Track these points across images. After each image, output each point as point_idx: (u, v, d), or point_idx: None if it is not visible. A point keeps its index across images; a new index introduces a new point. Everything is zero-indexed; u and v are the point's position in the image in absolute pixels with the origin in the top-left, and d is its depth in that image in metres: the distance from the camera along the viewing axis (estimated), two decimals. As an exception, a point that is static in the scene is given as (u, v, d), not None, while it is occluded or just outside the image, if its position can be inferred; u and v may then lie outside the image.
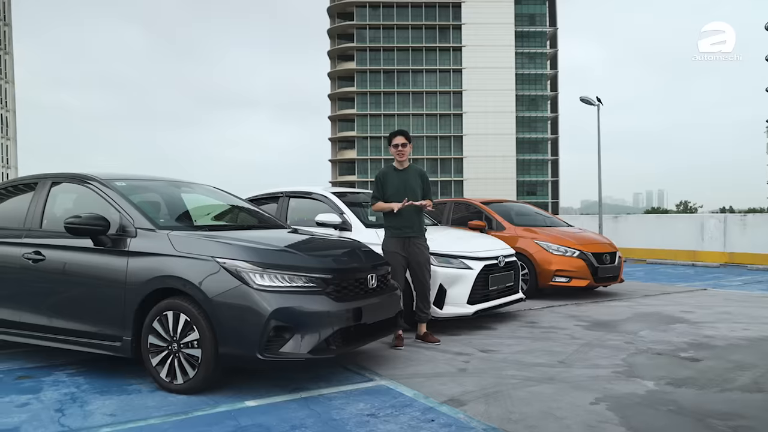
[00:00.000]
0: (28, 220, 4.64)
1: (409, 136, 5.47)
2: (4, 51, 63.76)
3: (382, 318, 4.20)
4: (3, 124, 62.74)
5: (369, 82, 76.83)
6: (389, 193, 5.26)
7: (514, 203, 9.84)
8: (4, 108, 63.24)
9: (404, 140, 5.32)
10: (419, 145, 76.28)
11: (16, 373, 4.34)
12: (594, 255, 7.86)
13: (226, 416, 3.32)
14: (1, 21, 63.28)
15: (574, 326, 5.92)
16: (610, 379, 4.02)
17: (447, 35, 76.20)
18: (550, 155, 79.04)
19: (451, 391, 3.77)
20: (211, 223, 4.84)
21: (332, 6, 78.96)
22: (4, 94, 63.10)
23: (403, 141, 5.32)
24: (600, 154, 17.50)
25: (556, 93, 79.28)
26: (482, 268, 5.80)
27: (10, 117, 65.00)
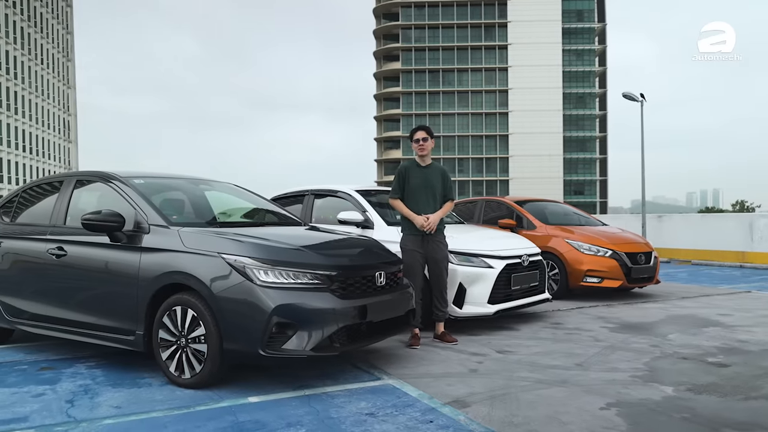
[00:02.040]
0: (53, 216, 4.80)
1: (431, 132, 5.40)
2: (67, 58, 66.59)
3: (391, 316, 4.14)
4: (65, 128, 65.54)
5: (414, 81, 76.70)
6: (410, 189, 5.20)
7: (549, 202, 9.61)
8: (66, 112, 66.05)
9: (425, 135, 5.26)
10: (464, 144, 75.66)
11: (40, 364, 4.48)
12: (627, 255, 7.59)
13: (226, 411, 3.33)
14: (64, 30, 66.10)
15: (600, 328, 5.72)
16: (626, 383, 3.86)
17: (493, 33, 75.30)
18: (598, 154, 77.07)
19: (457, 392, 3.69)
20: (224, 220, 4.87)
21: (378, 7, 79.21)
22: (66, 98, 65.91)
23: (424, 135, 5.26)
24: (643, 153, 16.91)
25: (605, 90, 77.26)
26: (504, 267, 5.67)
27: (71, 121, 67.87)
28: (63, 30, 65.69)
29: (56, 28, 63.31)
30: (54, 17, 62.64)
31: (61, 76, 64.52)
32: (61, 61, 64.37)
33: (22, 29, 53.72)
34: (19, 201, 5.36)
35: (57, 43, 63.19)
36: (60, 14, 64.92)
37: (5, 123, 50.18)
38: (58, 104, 62.96)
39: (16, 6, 52.74)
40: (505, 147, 74.88)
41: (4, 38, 50.07)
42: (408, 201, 5.20)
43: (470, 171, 75.68)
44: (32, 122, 55.62)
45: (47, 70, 59.80)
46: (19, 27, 53.27)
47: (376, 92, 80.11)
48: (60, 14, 64.92)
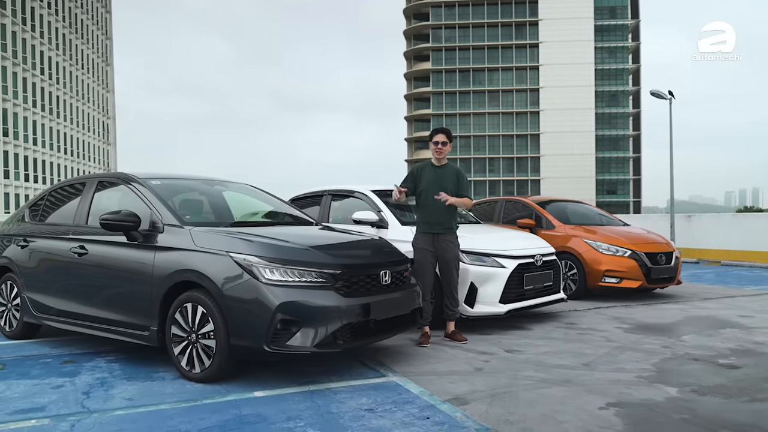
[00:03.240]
0: (76, 217, 5.01)
1: (451, 135, 5.41)
2: (106, 63, 68.48)
3: (396, 314, 4.20)
4: (104, 131, 67.41)
5: (445, 81, 76.46)
6: (421, 187, 5.26)
7: (571, 202, 9.52)
8: (106, 115, 67.93)
9: (445, 138, 5.29)
10: (495, 144, 75.09)
11: (63, 358, 4.69)
12: (647, 255, 7.49)
13: (231, 405, 3.45)
14: (104, 35, 68.01)
15: (614, 328, 5.68)
16: (630, 384, 3.84)
17: (523, 32, 74.53)
18: (631, 153, 75.54)
19: (458, 389, 3.73)
20: (237, 220, 5.00)
21: (408, 7, 79.21)
22: (105, 102, 67.79)
23: (444, 139, 5.29)
24: (672, 151, 16.56)
25: (638, 88, 75.58)
26: (516, 267, 5.68)
27: (110, 124, 69.76)
28: (102, 35, 67.54)
29: (96, 33, 65.12)
30: (94, 23, 64.45)
31: (101, 80, 66.32)
32: (100, 66, 66.18)
33: (63, 35, 55.46)
34: (46, 202, 5.60)
35: (96, 48, 64.99)
36: (99, 20, 66.75)
37: (47, 126, 51.85)
38: (97, 107, 64.75)
39: (58, 13, 54.47)
40: (537, 146, 74.05)
41: (47, 44, 51.76)
42: (420, 201, 5.26)
43: (501, 171, 75.07)
44: (72, 125, 57.34)
45: (87, 74, 61.56)
46: (61, 33, 55.00)
47: (407, 92, 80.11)
48: (99, 20, 66.75)
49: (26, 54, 47.98)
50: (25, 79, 47.74)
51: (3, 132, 44.09)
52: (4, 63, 44.42)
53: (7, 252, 5.51)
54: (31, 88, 48.82)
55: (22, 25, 47.25)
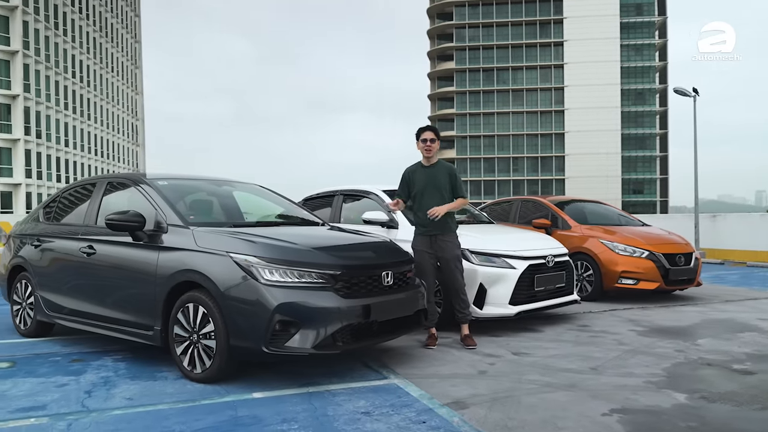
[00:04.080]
0: (86, 217, 5.07)
1: (439, 133, 5.28)
2: (135, 66, 69.71)
3: (398, 316, 4.15)
4: (133, 132, 68.64)
5: (468, 81, 76.00)
6: (415, 190, 5.17)
7: (590, 202, 9.35)
8: (135, 117, 69.15)
9: (433, 136, 5.17)
10: (519, 143, 74.38)
11: (72, 356, 4.74)
12: (665, 256, 7.31)
13: (228, 406, 3.44)
14: (133, 39, 69.24)
15: (628, 331, 5.54)
16: (637, 389, 3.73)
17: (548, 30, 73.63)
18: (658, 151, 74.08)
19: (459, 393, 3.67)
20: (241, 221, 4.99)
21: (431, 7, 78.94)
22: (134, 104, 69.02)
23: (432, 137, 5.17)
24: (696, 150, 16.14)
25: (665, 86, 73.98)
26: (527, 268, 5.58)
27: (139, 125, 71.00)
28: (132, 39, 68.73)
29: (125, 37, 66.28)
30: (123, 27, 65.62)
31: (130, 82, 67.50)
32: (129, 69, 67.35)
33: (94, 39, 56.60)
34: (58, 202, 5.68)
35: (126, 52, 66.15)
36: (129, 24, 67.94)
37: (79, 128, 52.97)
38: (126, 109, 65.91)
39: (89, 18, 55.61)
40: (561, 145, 73.09)
41: (78, 48, 52.88)
42: (416, 203, 5.17)
43: (525, 170, 74.29)
44: (103, 127, 58.46)
45: (117, 77, 62.71)
46: (92, 37, 56.13)
47: (430, 92, 79.86)
48: (129, 24, 67.94)
49: (58, 57, 49.08)
50: (57, 82, 48.84)
51: (36, 134, 45.14)
52: (38, 66, 45.47)
53: (22, 252, 5.60)
54: (63, 90, 49.92)
55: (54, 29, 48.35)
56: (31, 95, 44.33)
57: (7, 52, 42.65)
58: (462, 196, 5.16)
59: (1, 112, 42.77)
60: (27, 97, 43.77)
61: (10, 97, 42.93)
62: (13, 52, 42.82)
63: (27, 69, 44.02)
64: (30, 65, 44.33)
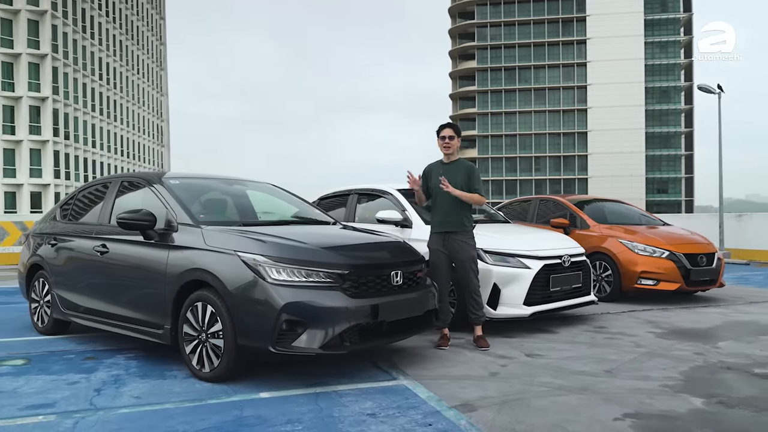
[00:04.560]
0: (100, 216, 5.12)
1: (459, 130, 5.20)
2: (160, 67, 70.66)
3: (407, 316, 4.10)
4: (159, 133, 69.57)
5: (490, 80, 75.48)
6: (432, 186, 5.11)
7: (609, 201, 9.17)
8: (160, 118, 70.08)
9: (452, 133, 5.09)
10: (541, 142, 73.64)
11: (86, 354, 4.78)
12: (686, 256, 7.13)
13: (234, 406, 3.42)
14: (158, 41, 70.18)
15: (646, 333, 5.42)
16: (653, 393, 3.63)
17: (571, 28, 72.74)
18: (683, 150, 72.70)
19: (468, 395, 3.60)
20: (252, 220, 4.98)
21: (453, 6, 78.60)
22: (159, 106, 69.95)
23: (451, 134, 5.09)
24: (721, 148, 15.76)
25: (691, 83, 72.51)
26: (542, 268, 5.48)
27: (164, 126, 71.94)
28: (156, 41, 69.65)
29: (150, 39, 67.19)
30: (149, 29, 66.53)
31: (155, 84, 68.39)
32: (154, 70, 68.25)
33: (120, 41, 57.47)
34: (75, 202, 5.74)
35: (151, 54, 67.05)
36: (154, 26, 68.85)
37: (105, 129, 53.84)
38: (151, 111, 66.81)
39: (115, 21, 56.49)
40: (584, 144, 72.15)
41: (105, 51, 53.76)
42: (432, 200, 5.12)
43: (547, 169, 73.50)
44: (128, 128, 59.34)
45: (142, 78, 63.59)
46: (118, 39, 57.02)
47: (452, 92, 79.54)
48: (154, 26, 68.85)
49: (86, 60, 49.96)
50: (84, 85, 49.72)
51: (65, 135, 46.00)
52: (66, 69, 46.35)
53: (40, 250, 5.67)
54: (90, 92, 50.80)
55: (82, 33, 49.23)
56: (60, 97, 45.19)
57: (36, 56, 43.55)
58: (478, 192, 5.01)
59: (31, 115, 43.69)
60: (56, 99, 44.63)
61: (40, 99, 43.83)
62: (43, 56, 43.69)
63: (56, 72, 44.89)
64: (59, 68, 45.20)
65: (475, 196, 4.98)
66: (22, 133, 43.27)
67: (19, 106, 43.35)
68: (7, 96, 42.89)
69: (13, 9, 42.94)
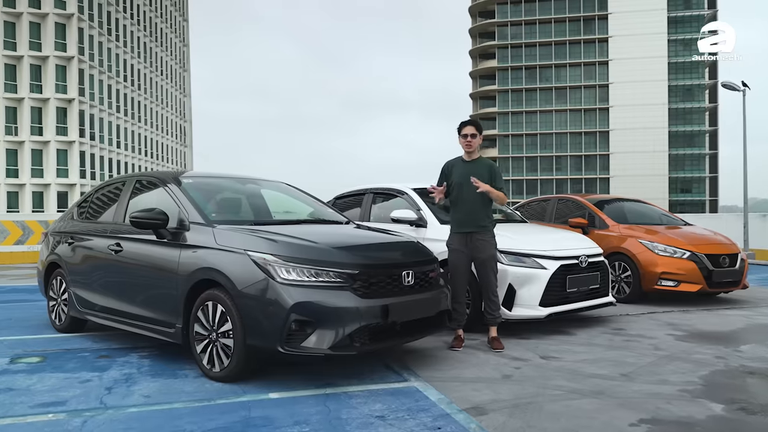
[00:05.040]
0: (115, 215, 5.15)
1: (481, 128, 5.12)
2: (183, 68, 71.47)
3: (418, 317, 4.04)
4: (182, 133, 70.38)
5: (511, 79, 74.95)
6: (453, 184, 5.02)
7: (630, 201, 8.99)
8: (183, 119, 70.90)
9: (474, 131, 4.99)
10: (562, 142, 72.90)
11: (100, 352, 4.81)
12: (708, 257, 6.96)
13: (242, 406, 3.40)
14: (181, 42, 70.99)
15: (665, 336, 5.29)
16: (670, 398, 3.53)
17: (592, 26, 71.85)
18: (707, 149, 71.35)
19: (480, 398, 3.54)
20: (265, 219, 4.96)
21: (473, 5, 78.22)
22: (182, 106, 70.78)
23: (473, 131, 4.99)
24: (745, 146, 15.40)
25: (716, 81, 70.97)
26: (558, 268, 5.39)
27: (187, 127, 72.76)
28: (180, 43, 70.45)
29: (174, 41, 67.99)
30: (172, 31, 67.31)
31: (178, 85, 69.19)
32: (177, 72, 69.04)
33: (144, 43, 58.25)
34: (91, 201, 5.79)
35: (174, 55, 67.84)
36: (177, 28, 69.65)
37: (129, 130, 54.62)
38: (175, 111, 67.60)
39: (139, 23, 57.29)
40: (606, 144, 71.20)
41: (130, 52, 54.55)
42: (452, 198, 5.04)
43: (569, 169, 72.69)
44: (152, 128, 60.12)
45: (166, 80, 64.37)
46: (142, 41, 57.80)
47: (472, 91, 79.15)
48: (177, 28, 69.65)
49: (111, 62, 50.75)
50: (109, 86, 50.52)
51: (90, 136, 46.79)
52: (92, 71, 47.14)
53: (58, 249, 5.73)
54: (115, 94, 51.60)
55: (107, 35, 50.01)
56: (86, 99, 45.97)
57: (63, 58, 44.39)
58: (502, 190, 4.93)
59: (58, 116, 44.54)
60: (81, 100, 45.41)
61: (66, 101, 44.65)
62: (69, 58, 44.50)
63: (82, 74, 45.68)
64: (84, 70, 45.98)
65: (501, 194, 4.92)
66: (50, 134, 44.14)
67: (47, 107, 44.22)
68: (35, 98, 43.79)
69: (41, 12, 43.82)
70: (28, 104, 43.67)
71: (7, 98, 43.26)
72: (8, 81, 43.23)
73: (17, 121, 43.85)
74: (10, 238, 13.88)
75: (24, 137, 43.62)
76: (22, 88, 43.51)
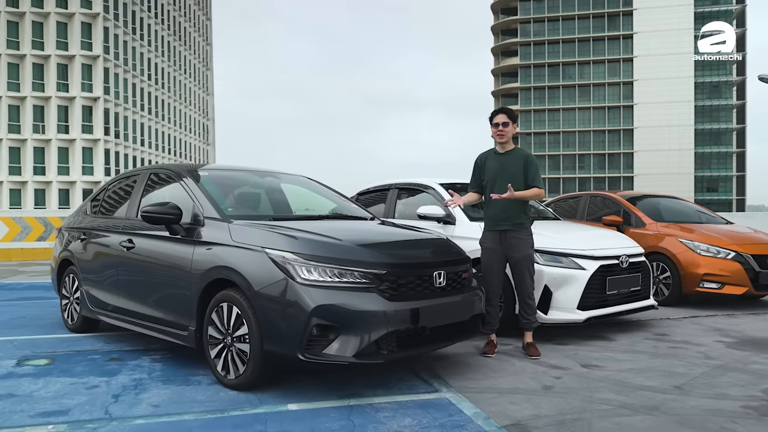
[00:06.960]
0: (128, 210, 4.90)
1: (514, 115, 4.68)
2: (206, 68, 71.92)
3: (451, 321, 3.71)
4: (204, 132, 70.87)
5: (533, 77, 74.10)
6: (486, 179, 4.67)
7: (665, 198, 8.55)
8: (206, 117, 71.37)
9: (506, 119, 4.58)
10: (586, 140, 71.84)
11: (111, 355, 4.55)
12: (755, 257, 6.51)
13: (258, 419, 3.10)
14: (204, 41, 71.43)
15: (714, 342, 4.89)
16: (734, 416, 3.15)
17: (617, 23, 70.65)
18: (735, 147, 69.68)
19: (520, 413, 3.20)
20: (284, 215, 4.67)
21: (496, 2, 77.50)
22: (205, 105, 71.26)
23: (505, 120, 4.58)
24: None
25: (744, 78, 69.32)
26: (598, 269, 5.01)
27: (210, 125, 73.26)
28: (203, 41, 70.89)
29: (197, 40, 68.42)
30: (195, 30, 67.75)
31: (201, 83, 69.63)
32: (200, 70, 69.47)
33: (168, 42, 58.71)
34: (104, 196, 5.56)
35: (197, 54, 68.27)
36: (200, 27, 70.09)
37: (153, 128, 55.11)
38: (198, 110, 68.05)
39: (164, 22, 57.76)
40: (630, 142, 69.93)
41: (154, 51, 55.01)
42: (486, 194, 4.69)
43: (592, 167, 71.61)
44: (175, 126, 60.59)
45: (189, 78, 64.80)
46: (166, 40, 58.25)
47: (494, 89, 78.43)
48: (200, 27, 70.09)
49: (135, 61, 51.24)
50: (134, 85, 51.03)
51: (114, 134, 47.27)
52: (116, 70, 47.63)
53: (71, 245, 5.50)
54: (139, 92, 52.10)
55: (132, 34, 50.51)
56: (111, 97, 46.47)
57: (89, 57, 44.90)
58: (537, 186, 4.52)
59: (84, 114, 45.08)
60: (107, 99, 45.90)
61: (92, 99, 45.16)
62: (95, 57, 45.00)
63: (107, 72, 46.18)
64: (110, 69, 46.46)
65: (534, 190, 4.50)
66: (75, 132, 44.69)
67: (73, 106, 44.77)
68: (61, 96, 44.36)
69: (67, 12, 44.37)
70: (55, 103, 44.24)
71: (35, 97, 43.86)
72: (36, 80, 43.84)
73: (44, 119, 44.42)
74: (32, 235, 13.85)
75: (51, 135, 44.19)
76: (49, 87, 44.15)
